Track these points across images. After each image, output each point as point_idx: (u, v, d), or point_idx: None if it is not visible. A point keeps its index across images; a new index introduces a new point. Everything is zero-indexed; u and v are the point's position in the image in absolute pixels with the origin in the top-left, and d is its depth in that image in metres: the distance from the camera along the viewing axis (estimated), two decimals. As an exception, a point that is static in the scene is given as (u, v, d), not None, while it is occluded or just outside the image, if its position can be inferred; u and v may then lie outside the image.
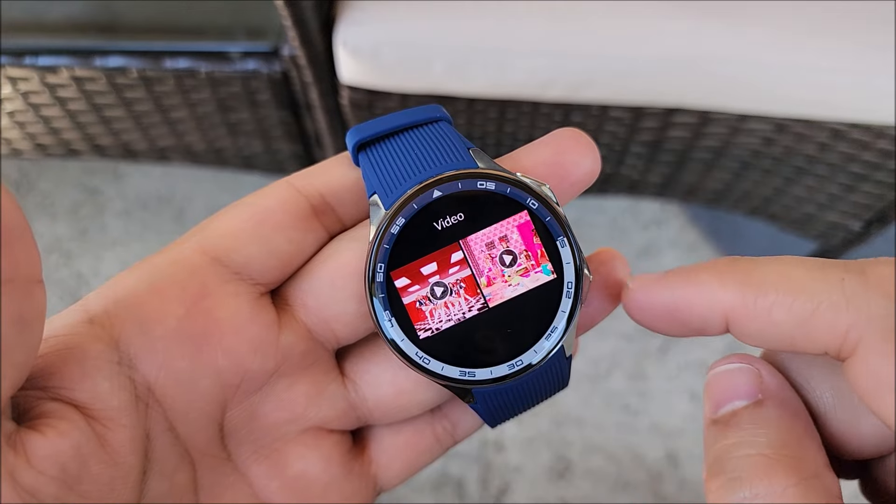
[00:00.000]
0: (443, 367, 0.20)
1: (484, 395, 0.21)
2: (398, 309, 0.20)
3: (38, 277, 0.16)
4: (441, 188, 0.20)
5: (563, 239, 0.21)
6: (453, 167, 0.21)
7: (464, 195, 0.20)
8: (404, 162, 0.21)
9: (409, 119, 0.22)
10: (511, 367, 0.21)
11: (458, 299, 0.20)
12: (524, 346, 0.21)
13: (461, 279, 0.20)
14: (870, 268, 0.16)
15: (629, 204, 1.06)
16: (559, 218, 0.21)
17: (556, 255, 0.21)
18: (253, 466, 0.22)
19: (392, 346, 0.20)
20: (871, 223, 0.70)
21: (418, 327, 0.20)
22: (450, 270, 0.20)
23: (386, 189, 0.21)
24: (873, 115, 0.58)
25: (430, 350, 0.20)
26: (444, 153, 0.21)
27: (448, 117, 0.22)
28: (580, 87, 0.60)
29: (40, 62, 0.61)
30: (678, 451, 0.91)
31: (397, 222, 0.20)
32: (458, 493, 0.88)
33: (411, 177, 0.21)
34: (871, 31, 0.57)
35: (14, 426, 0.17)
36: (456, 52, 0.58)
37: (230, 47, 0.61)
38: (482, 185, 0.20)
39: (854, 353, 0.16)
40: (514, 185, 0.20)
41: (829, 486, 0.17)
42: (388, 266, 0.20)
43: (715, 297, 0.18)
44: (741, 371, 0.19)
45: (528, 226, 0.21)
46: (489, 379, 0.21)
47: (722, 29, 0.57)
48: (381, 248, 0.20)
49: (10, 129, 0.71)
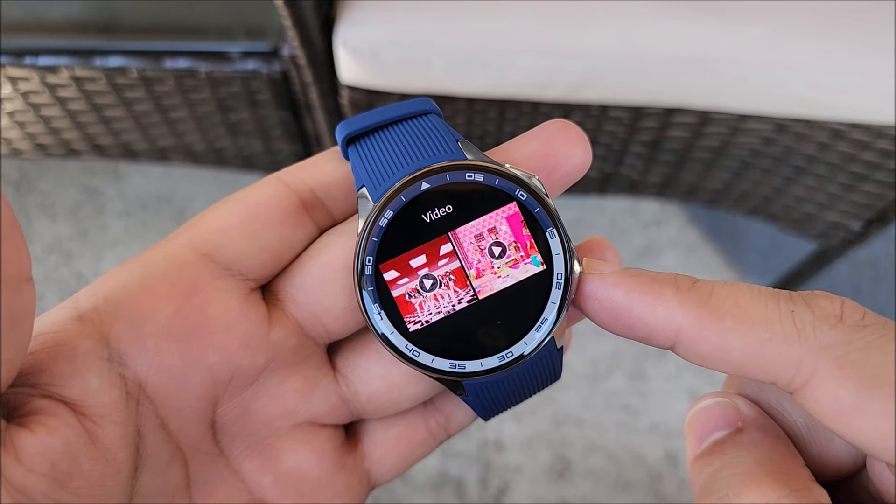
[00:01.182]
0: (433, 359, 0.20)
1: (475, 387, 0.21)
2: (387, 302, 0.20)
3: (28, 276, 0.16)
4: (429, 180, 0.20)
5: (552, 230, 0.21)
6: (441, 159, 0.21)
7: (452, 187, 0.20)
8: (392, 154, 0.21)
9: (398, 112, 0.22)
10: (501, 358, 0.21)
11: (447, 291, 0.21)
12: (514, 338, 0.21)
13: (450, 271, 0.21)
14: (813, 301, 0.17)
15: (629, 204, 1.06)
16: (548, 209, 0.21)
17: (546, 246, 0.21)
18: (246, 462, 0.22)
19: (382, 340, 0.21)
20: (871, 223, 0.70)
21: (408, 320, 0.20)
22: (439, 263, 0.20)
23: (374, 182, 0.21)
24: (873, 114, 0.58)
25: (419, 343, 0.20)
26: (433, 145, 0.21)
27: (437, 110, 0.22)
28: (580, 87, 0.60)
29: (40, 62, 0.61)
30: (678, 451, 0.91)
31: (385, 215, 0.20)
32: (458, 493, 0.88)
33: (399, 169, 0.21)
34: (871, 31, 0.57)
35: (4, 424, 0.17)
36: (456, 51, 0.58)
37: (230, 47, 0.61)
38: (470, 177, 0.20)
39: (810, 382, 0.17)
40: (502, 177, 0.20)
41: (820, 497, 0.17)
42: (376, 259, 0.20)
43: (671, 314, 0.18)
44: (718, 405, 0.20)
45: (517, 217, 0.21)
46: (480, 371, 0.21)
47: (722, 29, 0.57)
48: (369, 241, 0.20)
49: (10, 129, 0.71)
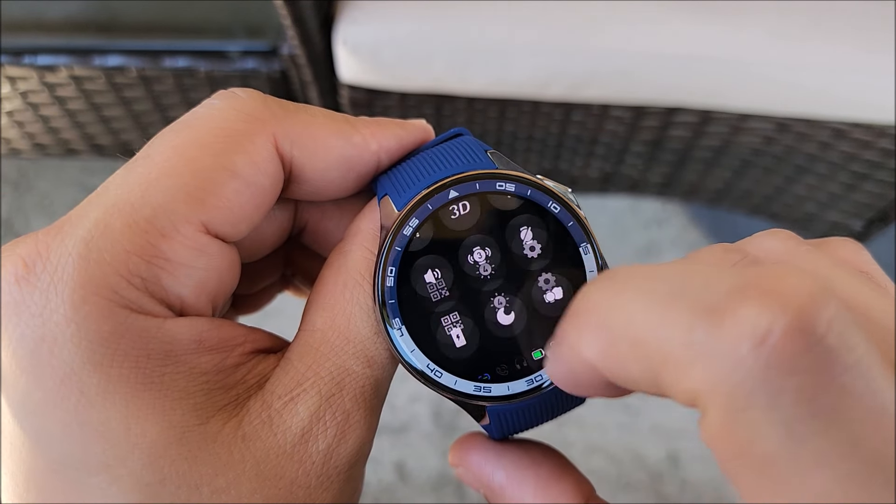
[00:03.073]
0: (456, 381, 0.19)
1: (498, 413, 0.19)
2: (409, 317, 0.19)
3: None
4: (458, 188, 0.19)
5: (586, 245, 0.19)
6: (470, 168, 0.20)
7: (482, 197, 0.19)
8: (419, 165, 0.20)
9: (431, 142, 0.21)
10: (530, 382, 0.19)
11: None
12: (544, 360, 0.19)
13: None
14: (731, 308, 0.12)
15: (630, 203, 1.06)
16: (582, 223, 0.19)
17: (579, 262, 0.19)
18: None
19: (401, 359, 0.19)
20: (873, 222, 0.70)
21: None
22: None
23: (398, 189, 0.20)
24: (874, 114, 0.58)
25: (443, 362, 0.19)
26: (461, 155, 0.20)
27: (468, 133, 0.21)
28: (580, 87, 0.59)
29: (39, 61, 0.61)
30: (679, 451, 0.91)
31: (410, 223, 0.19)
32: (458, 493, 0.88)
33: (425, 177, 0.20)
34: (871, 30, 0.56)
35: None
36: (456, 50, 0.58)
37: (229, 46, 0.61)
38: (501, 187, 0.19)
39: (703, 419, 0.13)
40: (534, 188, 0.19)
41: None
42: (399, 270, 0.19)
43: (581, 358, 0.15)
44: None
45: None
46: (506, 395, 0.19)
47: (722, 28, 0.57)
48: (391, 251, 0.19)
49: (8, 129, 0.71)
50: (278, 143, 0.19)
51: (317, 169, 0.20)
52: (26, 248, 0.17)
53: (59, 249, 0.17)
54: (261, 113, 0.19)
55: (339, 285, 0.19)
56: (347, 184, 0.21)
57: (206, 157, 0.18)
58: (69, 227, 0.17)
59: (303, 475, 0.18)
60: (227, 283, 0.19)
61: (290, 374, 0.18)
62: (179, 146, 0.18)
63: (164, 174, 0.18)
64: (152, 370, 0.17)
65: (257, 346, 0.19)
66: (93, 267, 0.17)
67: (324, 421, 0.18)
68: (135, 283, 0.17)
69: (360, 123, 0.21)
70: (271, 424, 0.18)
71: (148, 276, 0.17)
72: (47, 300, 0.16)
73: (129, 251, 0.17)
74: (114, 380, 0.16)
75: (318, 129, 0.20)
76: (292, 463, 0.18)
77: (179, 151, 0.18)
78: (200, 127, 0.19)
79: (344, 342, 0.19)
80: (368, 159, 0.20)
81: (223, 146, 0.18)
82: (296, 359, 0.19)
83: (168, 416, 0.17)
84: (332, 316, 0.19)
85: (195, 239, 0.18)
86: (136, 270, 0.17)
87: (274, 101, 0.20)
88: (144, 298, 0.17)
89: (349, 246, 0.20)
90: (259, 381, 0.19)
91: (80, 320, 0.16)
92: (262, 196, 0.19)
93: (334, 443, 0.18)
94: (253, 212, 0.19)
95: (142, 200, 0.17)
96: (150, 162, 0.18)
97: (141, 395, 0.17)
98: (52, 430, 0.16)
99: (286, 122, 0.19)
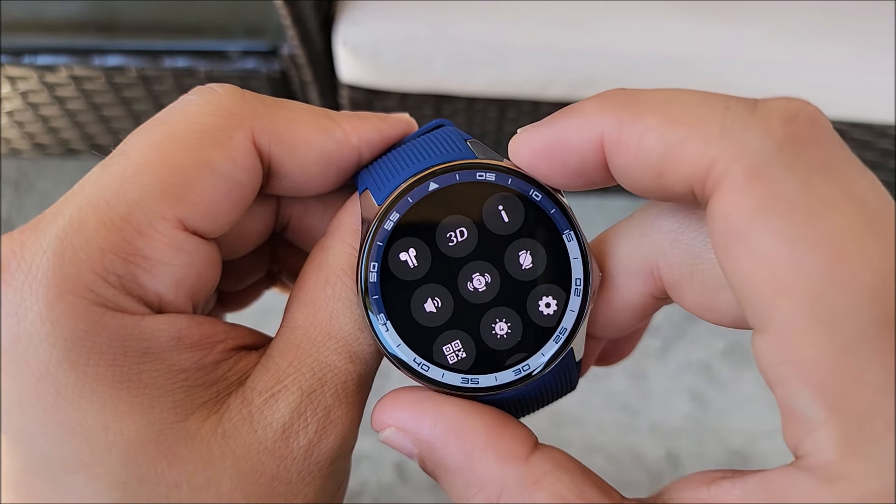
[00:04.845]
0: (443, 374, 0.19)
1: (487, 403, 0.19)
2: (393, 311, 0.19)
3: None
4: (437, 180, 0.19)
5: (569, 232, 0.19)
6: (449, 158, 0.19)
7: (462, 187, 0.19)
8: (398, 158, 0.20)
9: (413, 135, 0.21)
10: (517, 372, 0.19)
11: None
12: (531, 349, 0.19)
13: None
14: (763, 102, 0.15)
15: (629, 203, 1.06)
16: (565, 210, 0.19)
17: (563, 249, 0.19)
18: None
19: (388, 353, 0.19)
20: (872, 223, 0.70)
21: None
22: None
23: (378, 183, 0.20)
24: (874, 114, 0.58)
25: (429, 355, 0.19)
26: (440, 146, 0.20)
27: (450, 123, 0.21)
28: (580, 87, 0.59)
29: (39, 61, 0.61)
30: (678, 451, 0.91)
31: (391, 217, 0.19)
32: (458, 493, 0.88)
33: (405, 169, 0.19)
34: (871, 30, 0.56)
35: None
36: (456, 50, 0.58)
37: (229, 46, 0.61)
38: (482, 177, 0.19)
39: (718, 189, 0.15)
40: (515, 176, 0.19)
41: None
42: (381, 265, 0.19)
43: (592, 124, 0.16)
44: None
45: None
46: (494, 386, 0.19)
47: (721, 29, 0.57)
48: (373, 246, 0.19)
49: (8, 129, 0.71)
50: (256, 138, 0.19)
51: (297, 164, 0.20)
52: (0, 246, 0.17)
53: (34, 248, 0.17)
54: (238, 108, 0.19)
55: (321, 281, 0.19)
56: (329, 179, 0.21)
57: (182, 152, 0.18)
58: (44, 225, 0.17)
59: (284, 471, 0.18)
60: (207, 279, 0.19)
61: (270, 370, 0.18)
62: (155, 142, 0.18)
63: (139, 170, 0.17)
64: (130, 368, 0.17)
65: (239, 343, 0.19)
66: (67, 265, 0.16)
67: (305, 416, 0.18)
68: (111, 281, 0.17)
69: (341, 118, 0.21)
70: (252, 421, 0.18)
71: (124, 274, 0.17)
72: (22, 299, 0.16)
73: (105, 249, 0.17)
74: (90, 378, 0.16)
75: (297, 124, 0.20)
76: (273, 459, 0.18)
77: (155, 147, 0.18)
78: (177, 123, 0.18)
79: (325, 338, 0.19)
80: (349, 154, 0.20)
81: (200, 141, 0.18)
82: (277, 355, 0.19)
83: (146, 413, 0.17)
84: (313, 312, 0.19)
85: (172, 235, 0.18)
86: (112, 268, 0.17)
87: (252, 97, 0.20)
88: (121, 296, 0.17)
89: (330, 242, 0.20)
90: (240, 378, 0.18)
91: (54, 318, 0.16)
92: (239, 192, 0.19)
93: (315, 438, 0.18)
94: (231, 208, 0.19)
95: (117, 197, 0.17)
96: (126, 158, 0.18)
97: (118, 394, 0.16)
98: (30, 429, 0.16)
99: (265, 117, 0.19)
